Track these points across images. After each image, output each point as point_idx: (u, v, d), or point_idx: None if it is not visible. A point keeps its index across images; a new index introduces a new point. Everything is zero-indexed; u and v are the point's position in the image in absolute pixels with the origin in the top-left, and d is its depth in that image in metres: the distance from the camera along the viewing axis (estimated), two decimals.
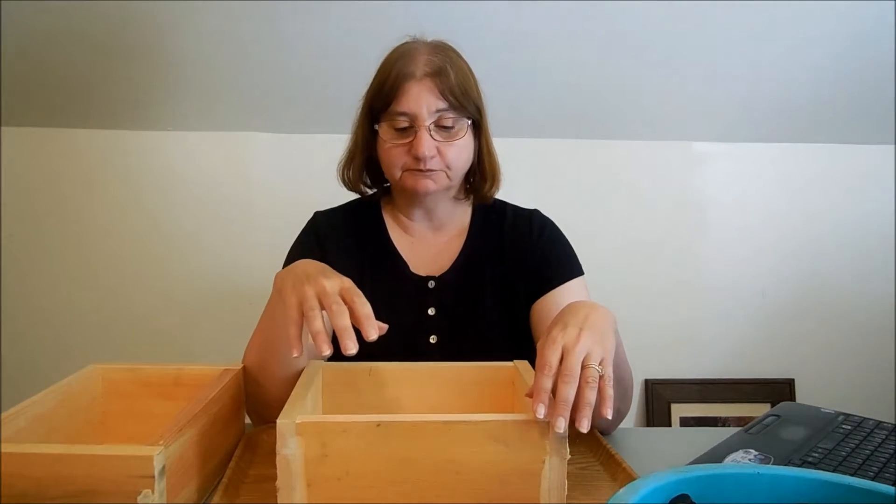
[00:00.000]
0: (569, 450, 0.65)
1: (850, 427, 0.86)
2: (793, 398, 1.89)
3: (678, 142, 1.86)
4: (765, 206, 1.89)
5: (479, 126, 1.02)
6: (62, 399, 0.76)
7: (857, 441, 0.82)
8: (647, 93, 1.72)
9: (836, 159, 1.88)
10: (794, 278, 1.91)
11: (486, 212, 1.10)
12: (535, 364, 0.70)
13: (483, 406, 0.84)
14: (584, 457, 0.82)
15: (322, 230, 1.08)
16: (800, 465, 0.75)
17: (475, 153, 1.03)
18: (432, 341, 1.03)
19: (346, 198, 1.13)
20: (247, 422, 0.91)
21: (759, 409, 1.84)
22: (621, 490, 0.50)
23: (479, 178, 1.06)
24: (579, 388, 0.65)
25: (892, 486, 0.52)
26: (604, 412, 0.65)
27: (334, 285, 0.74)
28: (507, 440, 0.64)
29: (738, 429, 0.88)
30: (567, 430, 0.64)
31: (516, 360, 0.86)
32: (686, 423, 1.86)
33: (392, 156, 0.98)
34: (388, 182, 1.08)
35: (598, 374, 0.66)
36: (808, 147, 1.88)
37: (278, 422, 0.63)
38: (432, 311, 1.04)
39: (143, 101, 1.69)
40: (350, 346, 0.68)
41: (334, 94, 1.63)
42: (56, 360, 1.75)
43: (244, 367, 0.88)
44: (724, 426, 1.80)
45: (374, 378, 0.85)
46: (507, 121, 1.64)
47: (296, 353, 0.71)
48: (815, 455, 0.78)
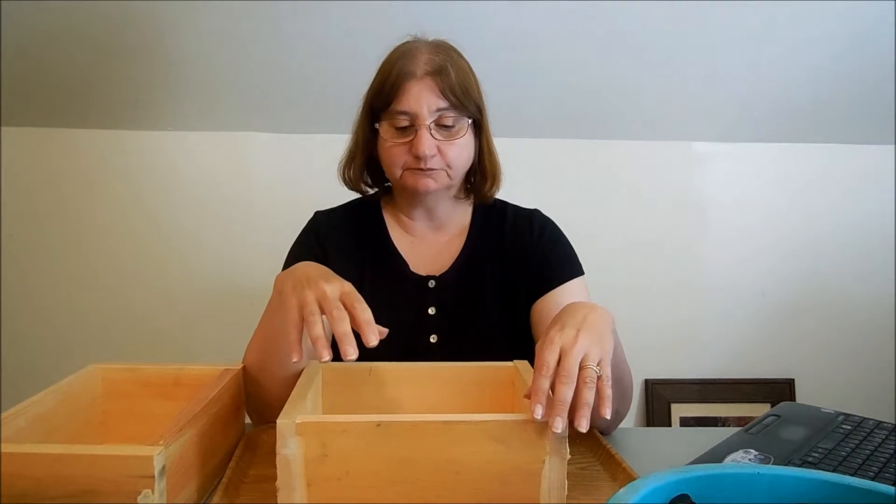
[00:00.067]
0: (569, 450, 0.65)
1: (850, 427, 0.86)
2: (793, 398, 1.89)
3: (678, 142, 1.86)
4: (765, 206, 1.89)
5: (479, 125, 1.02)
6: (62, 399, 0.76)
7: (857, 441, 0.82)
8: (647, 93, 1.72)
9: (836, 159, 1.88)
10: (794, 278, 1.91)
11: (486, 211, 1.10)
12: (534, 364, 0.70)
13: (483, 406, 0.84)
14: (584, 457, 0.82)
15: (322, 230, 1.08)
16: (800, 465, 0.75)
17: (476, 152, 1.03)
18: (432, 341, 1.03)
19: (347, 198, 1.13)
20: (247, 422, 0.91)
21: (759, 409, 1.84)
22: (621, 490, 0.50)
23: (479, 177, 1.06)
24: (577, 389, 0.65)
25: (892, 486, 0.52)
26: (602, 412, 0.65)
27: (335, 290, 0.73)
28: (507, 440, 0.64)
29: (738, 429, 0.88)
30: (567, 430, 0.64)
31: (516, 360, 0.86)
32: (686, 423, 1.86)
33: (392, 155, 0.98)
34: (388, 182, 1.08)
35: (596, 374, 0.66)
36: (808, 147, 1.88)
37: (278, 422, 0.63)
38: (432, 311, 1.04)
39: (143, 101, 1.69)
40: (350, 352, 0.68)
41: (334, 94, 1.63)
42: (56, 360, 1.75)
43: (244, 367, 0.88)
44: (724, 426, 1.80)
45: (374, 378, 0.85)
46: (507, 121, 1.64)
47: (295, 357, 0.71)
48: (815, 455, 0.78)
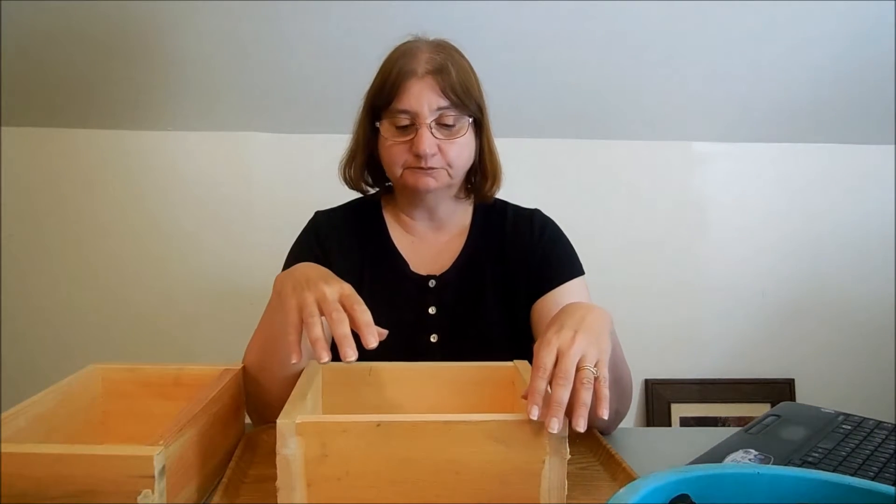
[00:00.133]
0: (569, 450, 0.65)
1: (850, 427, 0.86)
2: (793, 398, 1.89)
3: (678, 142, 1.86)
4: (765, 206, 1.89)
5: (480, 124, 1.02)
6: (62, 399, 0.76)
7: (857, 441, 0.82)
8: (647, 93, 1.72)
9: (836, 159, 1.88)
10: (794, 278, 1.91)
11: (486, 211, 1.10)
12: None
13: (483, 406, 0.84)
14: (584, 457, 0.82)
15: (323, 230, 1.08)
16: (800, 465, 0.75)
17: (476, 152, 1.03)
18: (433, 340, 1.03)
19: (347, 197, 1.13)
20: (247, 422, 0.91)
21: (759, 409, 1.84)
22: (621, 490, 0.50)
23: (480, 177, 1.06)
24: (574, 390, 0.65)
25: (892, 486, 0.52)
26: (600, 412, 0.65)
27: (334, 291, 0.73)
28: (507, 440, 0.64)
29: (738, 429, 0.88)
30: (567, 430, 0.64)
31: (516, 360, 0.86)
32: (686, 423, 1.86)
33: (393, 153, 0.98)
34: (389, 181, 1.08)
35: (593, 375, 0.66)
36: (808, 147, 1.88)
37: (278, 422, 0.63)
38: (433, 311, 1.04)
39: (143, 101, 1.69)
40: (349, 354, 0.68)
41: (334, 94, 1.63)
42: (56, 360, 1.75)
43: (244, 368, 0.88)
44: (724, 426, 1.80)
45: (374, 378, 0.85)
46: (507, 121, 1.64)
47: (294, 359, 0.71)
48: (815, 455, 0.78)
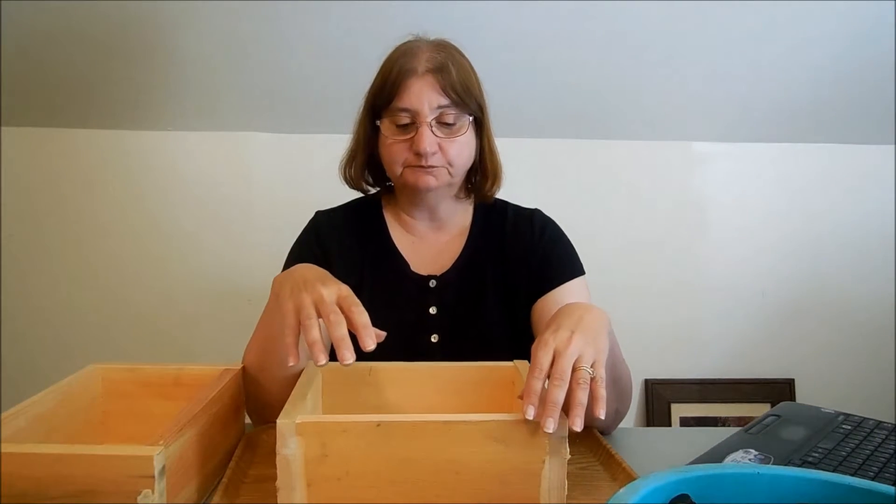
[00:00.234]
0: (569, 450, 0.65)
1: (850, 427, 0.86)
2: (793, 398, 1.89)
3: (678, 142, 1.86)
4: (765, 206, 1.89)
5: (480, 124, 1.02)
6: (62, 399, 0.76)
7: (857, 441, 0.82)
8: (647, 93, 1.72)
9: (836, 159, 1.88)
10: (794, 278, 1.91)
11: (487, 211, 1.10)
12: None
13: (483, 406, 0.84)
14: (584, 457, 0.82)
15: (323, 230, 1.08)
16: (800, 465, 0.75)
17: (477, 151, 1.03)
18: (433, 340, 1.03)
19: (347, 198, 1.13)
20: (247, 422, 0.91)
21: (759, 409, 1.84)
22: (621, 490, 0.50)
23: (480, 176, 1.06)
24: (570, 390, 0.65)
25: (892, 486, 0.52)
26: (597, 412, 0.65)
27: (332, 293, 0.73)
28: (507, 440, 0.64)
29: (738, 429, 0.88)
30: (566, 430, 0.64)
31: (516, 360, 0.85)
32: (686, 423, 1.86)
33: (393, 152, 0.98)
34: (389, 181, 1.08)
35: (590, 375, 0.66)
36: (808, 147, 1.88)
37: (278, 422, 0.63)
38: (433, 311, 1.04)
39: (143, 101, 1.69)
40: (347, 357, 0.68)
41: (334, 94, 1.63)
42: (56, 360, 1.75)
43: (244, 368, 0.88)
44: (724, 426, 1.80)
45: (374, 378, 0.85)
46: (507, 121, 1.64)
47: (292, 361, 0.71)
48: (815, 455, 0.78)
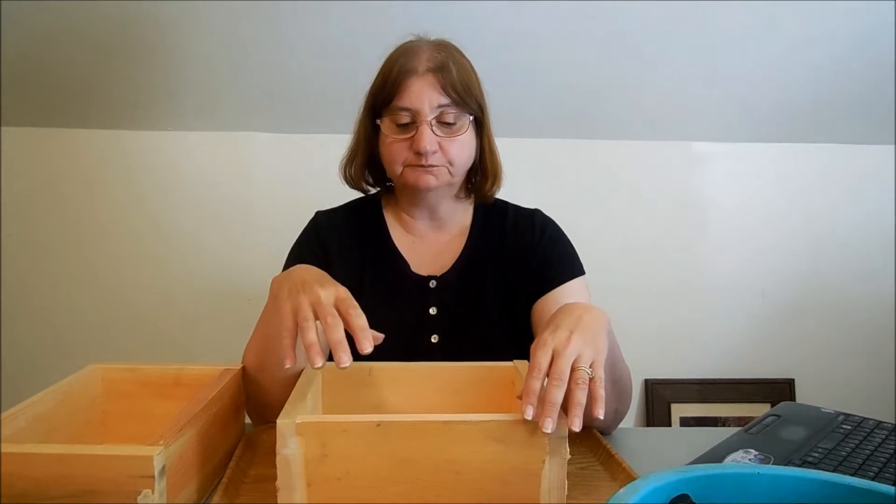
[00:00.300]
0: (569, 450, 0.65)
1: (850, 427, 0.86)
2: (793, 398, 1.89)
3: (678, 142, 1.86)
4: (765, 206, 1.89)
5: (481, 123, 1.02)
6: (62, 399, 0.76)
7: (857, 441, 0.81)
8: (647, 93, 1.72)
9: (836, 159, 1.88)
10: (794, 278, 1.91)
11: (487, 211, 1.10)
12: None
13: (483, 406, 0.84)
14: (584, 457, 0.82)
15: (323, 230, 1.08)
16: (800, 465, 0.75)
17: (477, 151, 1.03)
18: (434, 341, 1.03)
19: (346, 198, 1.13)
20: (247, 422, 0.91)
21: (759, 409, 1.84)
22: (621, 490, 0.50)
23: (480, 176, 1.06)
24: (569, 390, 0.65)
25: (892, 486, 0.52)
26: (595, 412, 0.65)
27: (329, 295, 0.73)
28: (507, 440, 0.64)
29: (738, 429, 0.88)
30: (566, 430, 0.64)
31: (516, 360, 0.85)
32: (686, 423, 1.86)
33: (393, 151, 0.98)
34: (390, 181, 1.08)
35: (588, 376, 0.66)
36: (808, 147, 1.88)
37: (278, 422, 0.63)
38: (433, 311, 1.04)
39: (143, 101, 1.69)
40: (344, 360, 0.68)
41: (334, 94, 1.63)
42: (56, 360, 1.74)
43: (244, 368, 0.88)
44: (724, 426, 1.80)
45: (373, 378, 0.85)
46: (507, 121, 1.64)
47: (288, 363, 0.71)
48: (815, 455, 0.78)
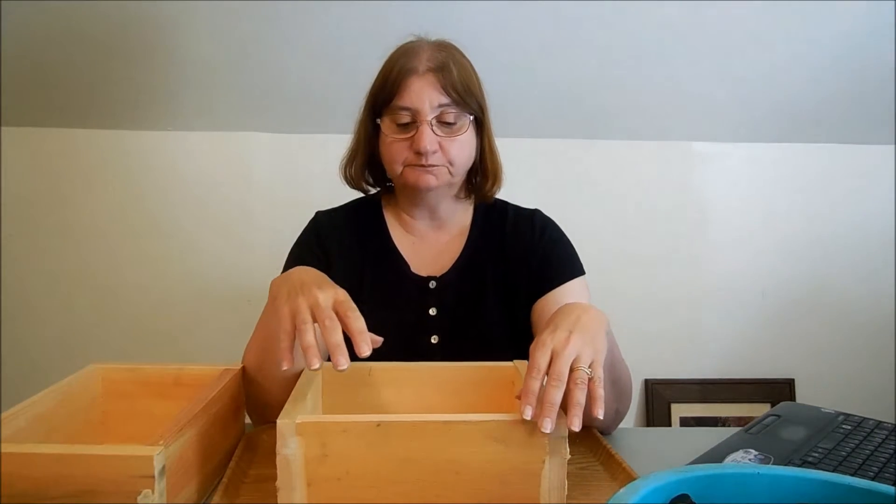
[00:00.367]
0: (569, 450, 0.65)
1: (850, 427, 0.86)
2: (793, 398, 1.89)
3: (678, 142, 1.86)
4: (765, 206, 1.89)
5: (481, 123, 1.02)
6: (62, 399, 0.76)
7: (857, 441, 0.82)
8: (647, 93, 1.72)
9: (836, 159, 1.88)
10: (795, 279, 1.91)
11: (487, 211, 1.10)
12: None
13: (483, 406, 0.84)
14: (584, 457, 0.82)
15: (323, 230, 1.08)
16: (800, 465, 0.75)
17: (477, 151, 1.03)
18: (433, 341, 1.03)
19: (346, 198, 1.13)
20: (247, 422, 0.91)
21: (759, 409, 1.84)
22: (621, 490, 0.50)
23: (480, 176, 1.06)
24: (568, 390, 0.65)
25: (893, 486, 0.52)
26: (595, 412, 0.65)
27: (328, 298, 0.73)
28: (507, 440, 0.64)
29: (738, 429, 0.88)
30: (566, 430, 0.64)
31: (516, 360, 0.85)
32: (686, 423, 1.86)
33: (393, 150, 0.98)
34: (390, 181, 1.08)
35: (587, 376, 0.66)
36: (809, 147, 1.88)
37: (278, 422, 0.63)
38: (433, 312, 1.04)
39: (143, 101, 1.69)
40: (341, 363, 0.67)
41: (334, 94, 1.63)
42: (56, 360, 1.74)
43: (243, 368, 0.88)
44: (724, 426, 1.80)
45: (373, 378, 0.85)
46: (507, 121, 1.64)
47: (285, 365, 0.70)
48: (815, 455, 0.78)
